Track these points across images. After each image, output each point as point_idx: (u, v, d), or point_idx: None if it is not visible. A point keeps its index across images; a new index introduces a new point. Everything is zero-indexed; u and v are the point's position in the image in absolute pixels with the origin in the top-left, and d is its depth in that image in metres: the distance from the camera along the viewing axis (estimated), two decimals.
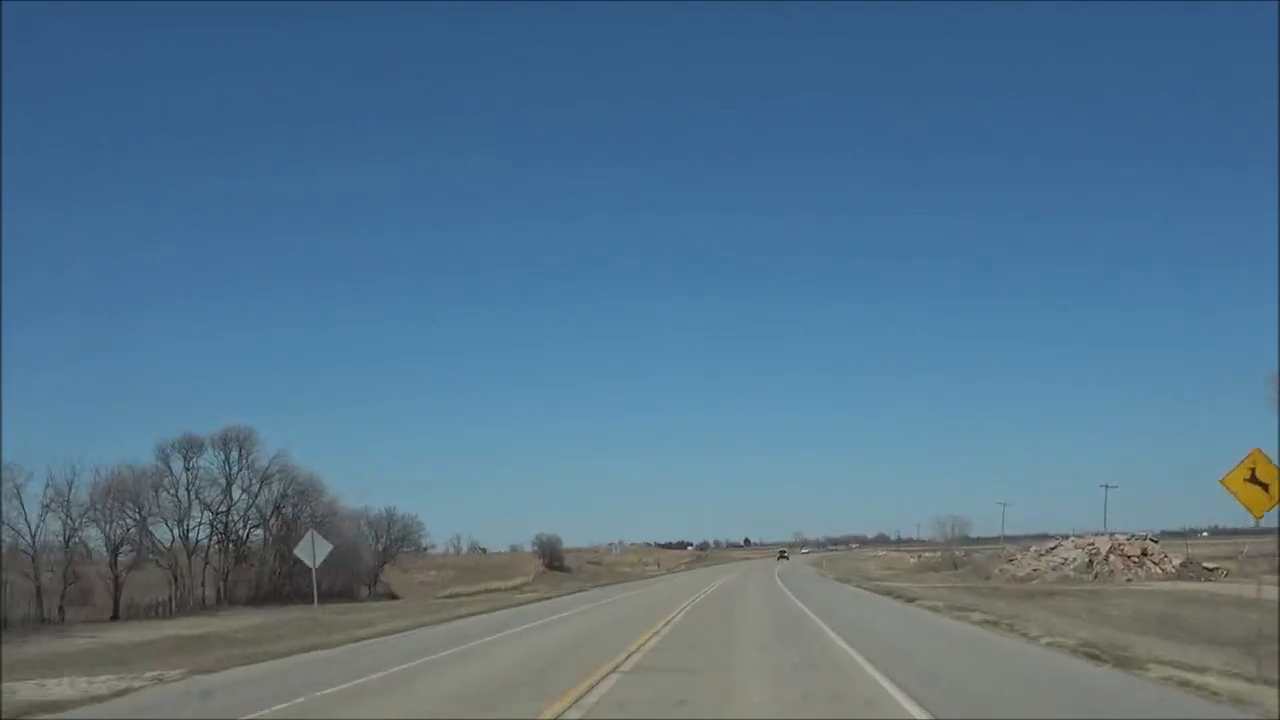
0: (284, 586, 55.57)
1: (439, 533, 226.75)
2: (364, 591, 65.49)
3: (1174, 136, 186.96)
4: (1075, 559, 51.77)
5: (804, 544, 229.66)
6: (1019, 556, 64.13)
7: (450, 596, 76.94)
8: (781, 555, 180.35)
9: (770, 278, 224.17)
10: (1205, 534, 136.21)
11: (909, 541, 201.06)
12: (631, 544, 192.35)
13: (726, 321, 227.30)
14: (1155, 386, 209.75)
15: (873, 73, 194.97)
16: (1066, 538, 69.05)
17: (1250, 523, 14.71)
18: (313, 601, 34.96)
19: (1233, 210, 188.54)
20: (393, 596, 66.75)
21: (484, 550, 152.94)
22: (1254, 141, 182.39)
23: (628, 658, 17.24)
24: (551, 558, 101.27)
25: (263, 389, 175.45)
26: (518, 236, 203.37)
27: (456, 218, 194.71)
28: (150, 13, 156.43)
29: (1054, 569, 52.10)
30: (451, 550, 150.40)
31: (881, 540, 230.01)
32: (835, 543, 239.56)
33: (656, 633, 22.71)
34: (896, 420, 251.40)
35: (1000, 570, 63.20)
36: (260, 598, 52.00)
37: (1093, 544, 52.80)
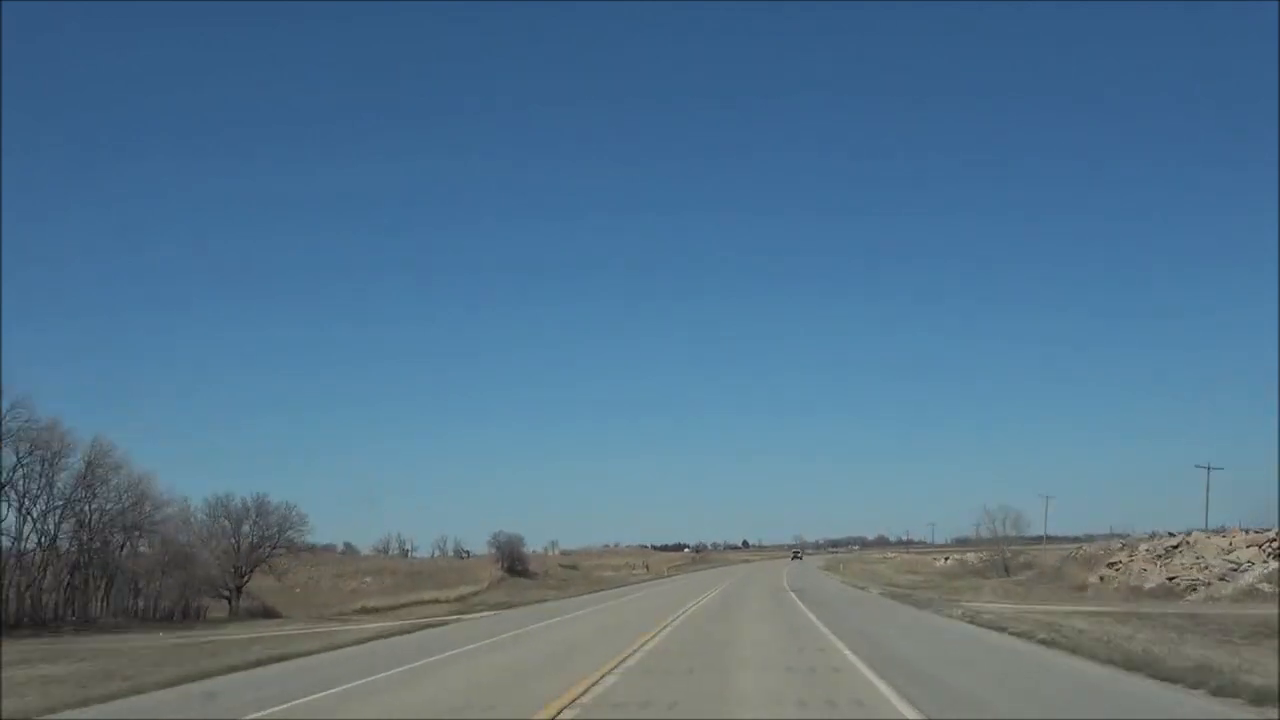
0: (58, 606, 36.32)
1: (424, 536, 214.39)
2: (226, 607, 46.25)
3: (1174, 137, 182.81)
4: (1254, 563, 32.68)
5: (803, 545, 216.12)
6: (1123, 559, 44.99)
7: (362, 610, 58.11)
8: (796, 555, 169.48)
9: (769, 278, 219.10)
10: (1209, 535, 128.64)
11: (912, 543, 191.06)
12: (626, 546, 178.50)
13: (725, 323, 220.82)
14: (1155, 387, 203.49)
15: (872, 73, 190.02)
16: (1160, 536, 50.34)
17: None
18: (126, 626, 17.30)
19: (1233, 210, 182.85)
20: (268, 614, 47.60)
21: (467, 554, 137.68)
22: (1254, 141, 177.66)
23: None
24: (513, 561, 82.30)
25: (261, 390, 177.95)
26: (515, 237, 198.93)
27: (455, 218, 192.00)
28: (150, 13, 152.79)
29: (1222, 578, 33.00)
30: (438, 553, 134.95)
31: (882, 542, 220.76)
32: (835, 544, 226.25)
33: None
34: (895, 422, 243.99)
35: (1101, 578, 44.09)
36: (7, 625, 33.00)
37: (1276, 540, 33.67)
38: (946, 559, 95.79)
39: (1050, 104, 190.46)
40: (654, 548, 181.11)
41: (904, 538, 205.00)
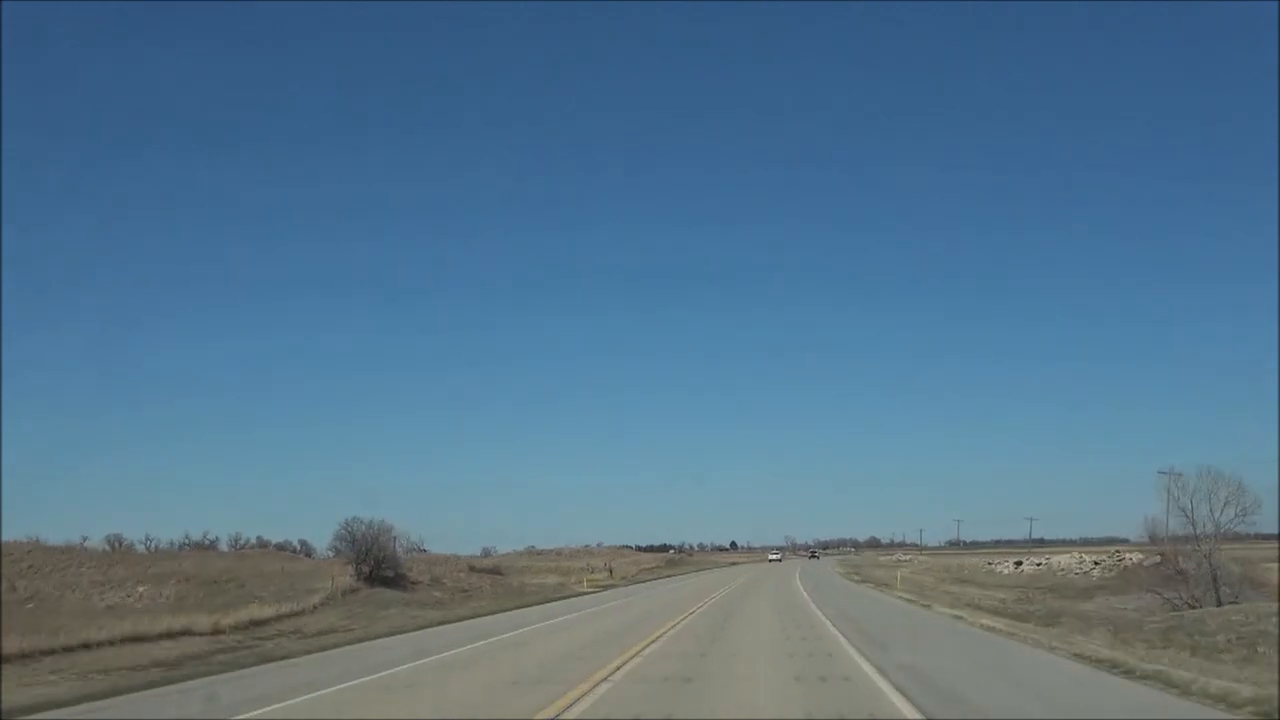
0: None
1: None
2: None
3: (1175, 139, 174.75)
4: None
5: (795, 547, 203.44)
6: None
7: None
8: (812, 555, 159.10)
9: (755, 282, 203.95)
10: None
11: (905, 545, 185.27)
12: (608, 546, 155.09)
13: (715, 326, 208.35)
14: (1153, 392, 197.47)
15: (870, 76, 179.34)
16: None
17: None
18: None
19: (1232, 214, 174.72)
20: None
21: (425, 550, 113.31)
22: (1254, 148, 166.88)
23: None
24: (377, 564, 51.32)
25: (260, 394, 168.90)
26: (512, 242, 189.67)
27: (450, 227, 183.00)
28: (155, 12, 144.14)
29: None
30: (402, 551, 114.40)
31: (874, 543, 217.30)
32: (826, 545, 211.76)
33: None
34: (885, 424, 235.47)
35: None
36: None
37: None
38: (1019, 564, 64.79)
39: (1051, 110, 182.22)
40: (638, 548, 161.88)
41: (917, 539, 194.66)
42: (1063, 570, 54.79)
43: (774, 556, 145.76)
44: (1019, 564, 65.23)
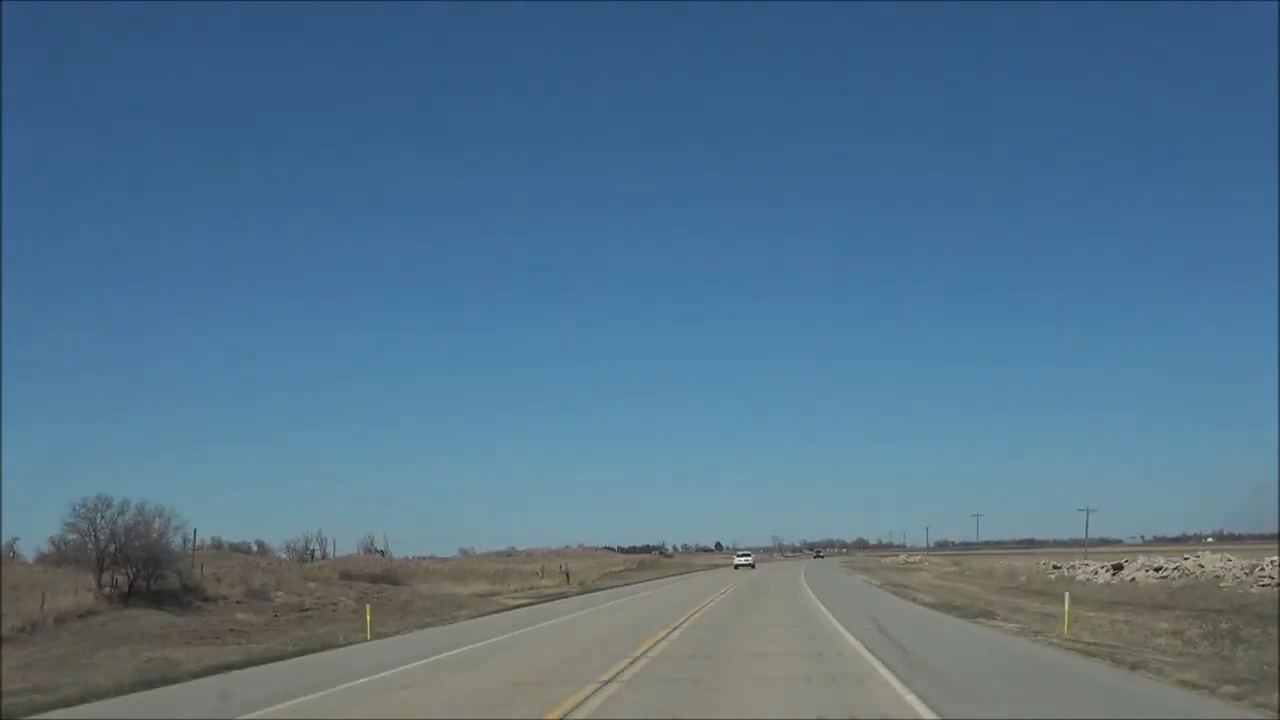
0: None
1: (416, 536, 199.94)
2: None
3: (1166, 144, 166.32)
4: None
5: (783, 548, 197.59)
6: None
7: None
8: (817, 554, 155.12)
9: (750, 281, 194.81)
10: (1210, 540, 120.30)
11: (894, 546, 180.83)
12: (588, 547, 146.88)
13: (703, 326, 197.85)
14: (1147, 395, 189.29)
15: (866, 75, 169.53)
16: None
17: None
18: None
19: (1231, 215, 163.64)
20: None
21: (384, 552, 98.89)
22: (1254, 151, 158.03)
23: None
24: (140, 570, 30.73)
25: (253, 395, 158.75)
26: (503, 242, 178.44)
27: (442, 225, 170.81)
28: (156, 12, 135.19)
29: None
30: (363, 551, 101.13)
31: (862, 544, 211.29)
32: (813, 546, 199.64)
33: None
34: (879, 425, 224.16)
35: None
36: None
37: None
38: (1118, 568, 44.49)
39: (1047, 112, 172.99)
40: (619, 549, 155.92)
41: (919, 540, 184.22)
42: (1220, 579, 34.86)
43: (743, 559, 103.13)
44: (1118, 568, 45.13)
